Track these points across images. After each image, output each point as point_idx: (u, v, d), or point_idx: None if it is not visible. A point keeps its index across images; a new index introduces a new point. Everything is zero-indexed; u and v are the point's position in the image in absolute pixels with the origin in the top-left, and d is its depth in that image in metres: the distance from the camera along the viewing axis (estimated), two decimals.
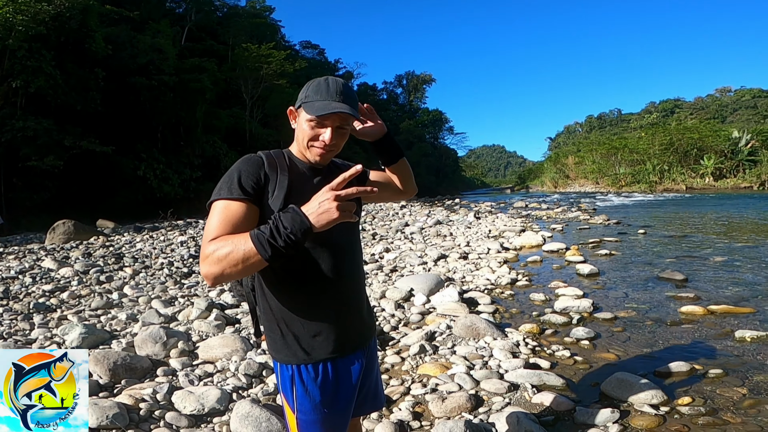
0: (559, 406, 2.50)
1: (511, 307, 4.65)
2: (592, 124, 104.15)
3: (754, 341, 3.40)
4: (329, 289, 1.19)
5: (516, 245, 8.81)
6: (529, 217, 16.11)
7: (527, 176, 74.63)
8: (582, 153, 51.70)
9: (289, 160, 1.19)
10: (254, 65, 25.83)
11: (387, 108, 57.64)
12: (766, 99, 69.62)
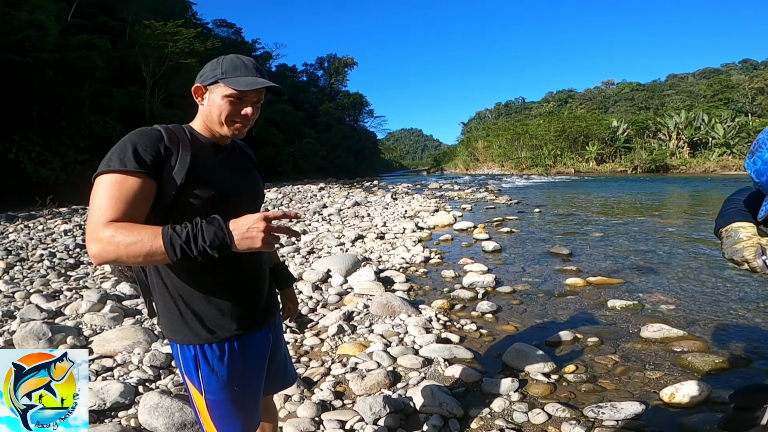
0: (468, 377, 2.64)
1: (425, 284, 4.82)
2: (500, 110, 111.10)
3: (623, 310, 3.89)
4: (232, 266, 1.18)
5: (430, 225, 9.17)
6: (443, 197, 16.85)
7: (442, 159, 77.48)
8: (490, 138, 55.12)
9: (190, 135, 1.15)
10: (158, 43, 23.71)
11: (307, 90, 56.53)
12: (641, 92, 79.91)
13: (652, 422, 2.23)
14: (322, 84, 61.92)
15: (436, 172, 69.15)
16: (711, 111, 37.21)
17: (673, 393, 2.39)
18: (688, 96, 60.14)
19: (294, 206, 13.24)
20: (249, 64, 1.14)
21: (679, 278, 4.82)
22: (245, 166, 1.30)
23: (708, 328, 3.40)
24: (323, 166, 44.37)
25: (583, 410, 2.30)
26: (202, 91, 1.16)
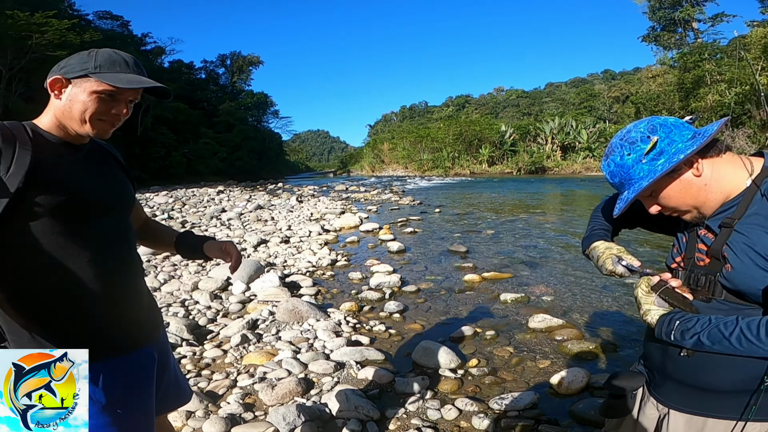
0: (381, 379, 2.66)
1: (332, 288, 4.80)
2: (405, 113, 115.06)
3: (513, 302, 4.20)
4: (100, 284, 1.05)
5: (336, 227, 9.10)
6: (349, 199, 16.87)
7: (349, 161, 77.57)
8: (395, 140, 56.76)
9: (33, 134, 1.01)
10: (20, 34, 20.51)
11: (205, 88, 53.16)
12: (525, 99, 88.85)
13: (547, 410, 2.40)
14: (223, 82, 58.55)
15: (342, 174, 69.14)
16: (578, 117, 42.93)
17: (560, 381, 2.61)
18: (561, 103, 68.41)
19: (188, 211, 12.17)
20: (129, 61, 1.06)
21: (556, 270, 5.43)
22: (108, 168, 1.17)
23: (581, 315, 3.86)
24: (223, 168, 41.62)
25: (489, 402, 2.43)
26: (62, 84, 1.03)
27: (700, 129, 0.99)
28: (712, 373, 0.96)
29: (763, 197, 0.92)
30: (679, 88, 33.91)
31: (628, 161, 0.98)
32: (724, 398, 0.96)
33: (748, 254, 0.91)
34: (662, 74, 41.13)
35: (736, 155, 0.99)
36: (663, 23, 44.78)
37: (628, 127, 1.03)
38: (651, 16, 45.39)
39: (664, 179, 0.97)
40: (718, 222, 0.97)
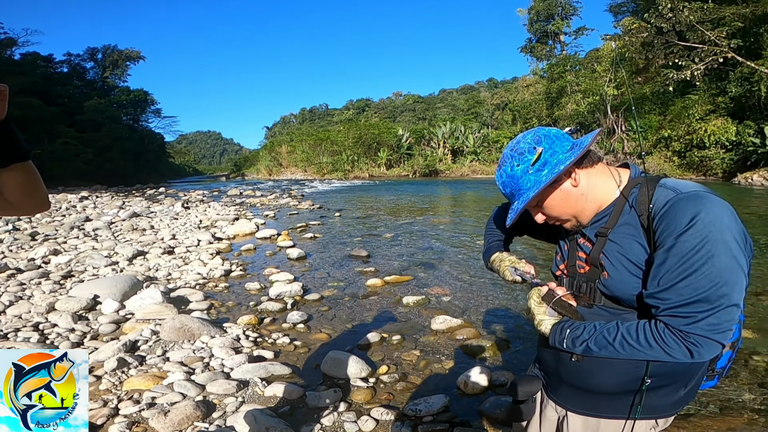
0: (291, 394, 2.54)
1: (228, 300, 4.48)
2: (305, 116, 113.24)
3: (415, 305, 4.28)
4: None
5: (229, 234, 8.61)
6: (244, 204, 15.99)
7: (243, 164, 74.14)
8: (294, 143, 55.32)
9: None
10: None
11: (67, 83, 46.92)
12: (421, 104, 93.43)
13: (458, 411, 2.46)
14: (91, 77, 51.54)
15: (236, 177, 65.50)
16: (466, 123, 46.48)
17: (466, 381, 2.69)
18: (453, 109, 73.37)
19: (40, 221, 10.21)
20: None
21: (451, 270, 5.67)
22: None
23: (477, 314, 4.05)
24: (88, 171, 36.26)
25: (404, 409, 2.42)
26: None
27: (577, 140, 1.03)
28: (599, 376, 1.01)
29: (632, 208, 0.97)
30: (546, 97, 38.80)
31: (517, 172, 1.02)
32: (612, 399, 1.02)
33: (622, 262, 0.96)
34: (534, 84, 46.70)
35: (606, 166, 1.05)
36: (538, 35, 50.18)
37: (517, 138, 1.06)
38: (529, 28, 50.55)
39: (547, 189, 1.01)
40: (595, 231, 1.02)
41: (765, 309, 3.75)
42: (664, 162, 22.34)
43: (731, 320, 0.86)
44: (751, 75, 18.70)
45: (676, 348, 0.88)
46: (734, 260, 0.84)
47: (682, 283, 0.85)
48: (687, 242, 0.85)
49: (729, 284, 0.84)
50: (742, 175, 18.09)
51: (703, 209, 0.85)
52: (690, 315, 0.85)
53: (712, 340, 0.86)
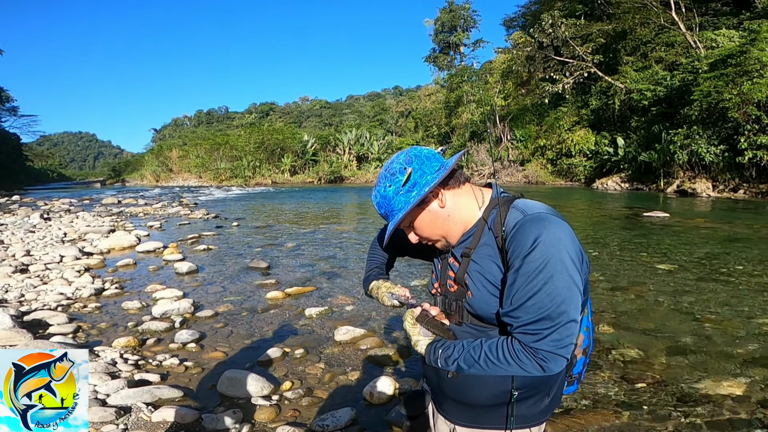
0: (185, 418, 2.37)
1: (100, 322, 4.06)
2: (201, 118, 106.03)
3: (318, 317, 4.15)
4: None
5: (102, 249, 7.68)
6: (122, 214, 14.30)
7: (124, 168, 66.94)
8: (187, 147, 51.28)
9: None
10: None
11: None
12: (327, 109, 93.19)
13: (367, 423, 2.40)
14: None
15: (115, 183, 58.46)
16: (371, 130, 47.46)
17: (371, 392, 2.63)
18: (359, 115, 74.53)
19: None
20: None
21: (354, 279, 5.58)
22: None
23: (379, 322, 4.00)
24: None
25: (311, 426, 2.33)
26: None
27: (446, 161, 1.06)
28: (473, 391, 1.05)
29: (489, 230, 1.02)
30: (445, 106, 41.33)
31: (389, 193, 1.03)
32: (490, 411, 1.06)
33: (482, 282, 1.01)
34: (435, 93, 49.44)
35: (472, 186, 1.09)
36: (441, 46, 53.07)
37: (392, 158, 1.07)
38: (434, 38, 53.20)
39: (417, 210, 1.03)
40: (461, 251, 1.06)
41: (620, 305, 4.24)
42: (540, 169, 25.21)
43: (571, 335, 0.92)
44: (608, 89, 21.98)
45: (529, 364, 0.93)
46: (571, 279, 0.91)
47: (529, 302, 0.91)
48: (531, 263, 0.91)
49: (566, 302, 0.91)
50: (599, 180, 21.13)
51: (545, 231, 0.92)
52: (537, 332, 0.91)
53: (557, 355, 0.92)
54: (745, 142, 13.55)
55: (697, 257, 6.01)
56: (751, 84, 13.55)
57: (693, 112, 15.47)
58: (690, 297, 4.32)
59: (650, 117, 19.13)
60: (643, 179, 18.58)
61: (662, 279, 5.01)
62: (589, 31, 22.65)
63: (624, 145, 20.23)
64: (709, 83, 15.03)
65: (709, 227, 8.49)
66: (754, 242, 6.87)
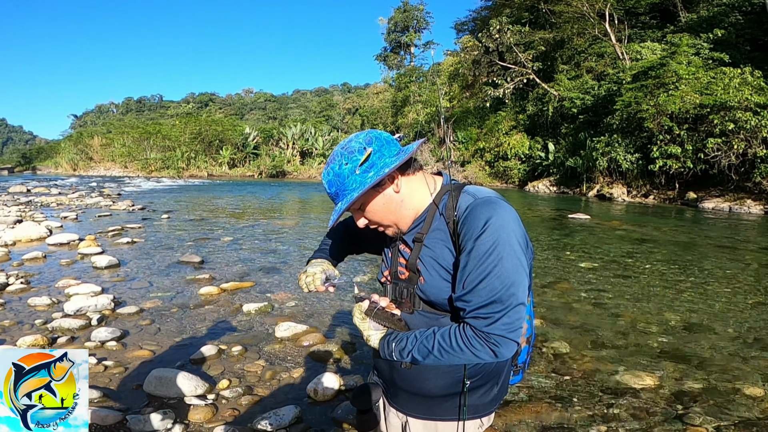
0: (105, 419, 2.23)
1: (2, 320, 3.72)
2: (130, 106, 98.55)
3: (257, 313, 3.97)
4: None
5: (7, 240, 6.93)
6: (31, 204, 12.89)
7: (36, 156, 60.53)
8: (112, 135, 47.27)
9: None
10: None
11: None
12: (273, 103, 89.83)
13: (312, 421, 2.34)
14: None
15: (24, 171, 52.56)
16: (317, 125, 46.56)
17: (316, 389, 2.56)
18: (305, 110, 72.79)
19: None
20: None
21: (295, 275, 5.39)
22: None
23: (322, 318, 3.91)
24: None
25: (253, 425, 2.25)
26: None
27: (404, 147, 1.05)
28: (427, 381, 1.05)
29: (441, 215, 1.02)
30: (392, 105, 41.64)
31: (344, 171, 1.00)
32: (443, 402, 1.06)
33: (434, 267, 1.00)
34: (383, 91, 49.60)
35: (424, 174, 1.09)
36: (393, 45, 53.35)
37: (350, 137, 1.05)
38: (386, 37, 53.32)
39: (371, 193, 1.01)
40: (412, 236, 1.05)
41: (550, 301, 4.47)
42: (479, 170, 26.28)
43: (520, 318, 0.94)
44: (544, 96, 23.35)
45: (481, 350, 0.93)
46: (518, 261, 0.93)
47: (480, 285, 0.91)
48: (482, 245, 0.91)
49: (515, 284, 0.92)
50: (531, 183, 22.44)
51: (494, 214, 0.93)
52: (489, 316, 0.91)
53: (509, 339, 0.92)
54: (657, 151, 14.95)
55: (613, 256, 6.55)
56: (667, 96, 14.84)
57: (614, 121, 16.85)
58: (608, 294, 4.67)
59: (578, 124, 20.60)
60: (569, 183, 19.99)
61: (584, 276, 5.38)
62: (531, 38, 23.88)
63: (554, 151, 21.62)
64: (630, 94, 16.34)
65: (623, 229, 9.29)
66: (661, 244, 7.62)
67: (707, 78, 14.87)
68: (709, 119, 13.89)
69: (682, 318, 3.93)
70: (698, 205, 13.89)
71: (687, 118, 14.46)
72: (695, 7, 21.01)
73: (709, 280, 5.20)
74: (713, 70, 15.21)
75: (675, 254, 6.75)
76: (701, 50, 16.89)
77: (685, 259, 6.36)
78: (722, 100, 13.57)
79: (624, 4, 21.70)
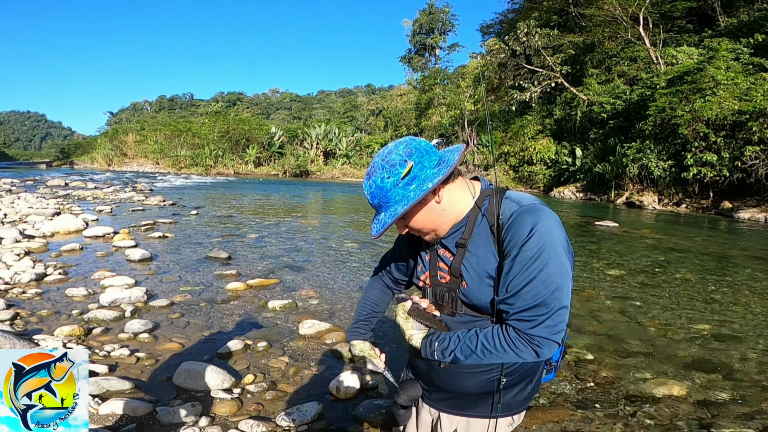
0: (136, 411, 2.29)
1: (41, 309, 3.81)
2: (163, 104, 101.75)
3: (282, 310, 4.07)
4: None
5: (45, 232, 7.20)
6: (69, 197, 13.47)
7: (73, 151, 63.09)
8: (146, 132, 48.89)
9: None
10: None
11: None
12: (298, 103, 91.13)
13: (333, 418, 2.37)
14: None
15: (63, 165, 54.92)
16: (341, 126, 46.83)
17: (338, 387, 2.60)
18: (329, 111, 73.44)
19: None
20: None
21: (319, 273, 5.51)
22: None
23: (345, 317, 3.97)
24: None
25: (276, 420, 2.28)
26: None
27: (443, 154, 1.05)
28: (464, 380, 1.09)
29: (483, 217, 1.04)
30: (416, 107, 41.56)
31: (387, 184, 1.01)
32: (477, 400, 1.10)
33: (478, 272, 1.02)
34: (407, 93, 49.54)
35: (463, 179, 1.10)
36: (417, 47, 53.16)
37: (389, 147, 1.04)
38: (411, 39, 53.30)
39: (414, 206, 1.02)
40: (454, 241, 1.07)
41: (575, 307, 4.35)
42: (503, 175, 25.93)
43: (564, 321, 0.96)
44: (572, 100, 22.85)
45: (524, 350, 0.96)
46: (563, 266, 0.95)
47: (525, 288, 0.94)
48: (527, 251, 0.94)
49: (560, 288, 0.94)
50: (557, 189, 21.97)
51: (540, 221, 0.95)
52: (533, 319, 0.94)
53: (551, 341, 0.95)
54: (692, 158, 14.42)
55: (642, 265, 6.39)
56: (703, 102, 14.27)
57: (647, 126, 16.34)
58: (635, 302, 4.58)
59: (607, 130, 20.06)
60: (596, 190, 19.49)
61: (611, 284, 5.28)
62: (560, 42, 23.39)
63: (582, 156, 21.15)
64: (665, 99, 15.77)
65: (653, 237, 9.04)
66: (692, 253, 7.37)
67: (747, 84, 14.24)
68: (747, 126, 13.30)
69: (712, 328, 3.81)
70: (733, 215, 13.32)
71: (724, 124, 13.89)
72: (735, 11, 20.13)
73: (741, 291, 5.02)
74: (753, 76, 14.54)
75: (706, 264, 6.52)
76: (741, 55, 16.18)
77: (717, 270, 6.15)
78: (762, 106, 12.98)
79: (659, 8, 20.97)
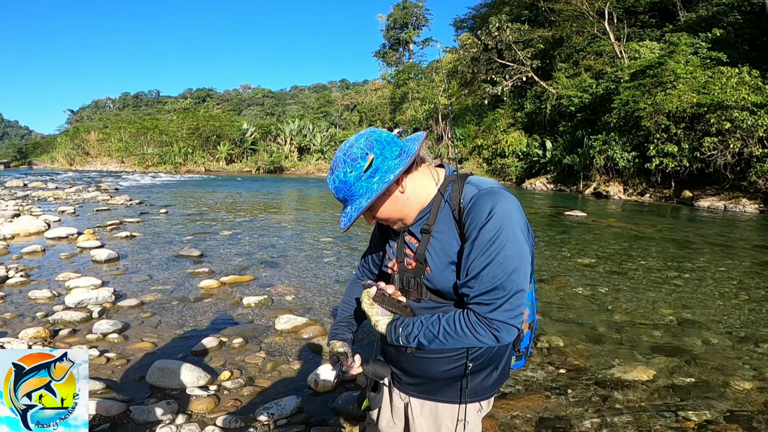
0: (109, 410, 2.27)
1: (3, 312, 3.76)
2: (127, 101, 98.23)
3: (257, 306, 4.02)
4: None
5: (5, 234, 6.94)
6: (29, 198, 12.85)
7: (32, 151, 60.24)
8: (109, 130, 47.04)
9: None
10: None
11: None
12: (270, 99, 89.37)
13: (313, 411, 2.38)
14: None
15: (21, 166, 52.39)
16: (315, 121, 46.26)
17: (316, 380, 2.61)
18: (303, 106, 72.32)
19: None
20: None
21: (294, 268, 5.46)
22: None
23: (322, 311, 3.96)
24: None
25: (255, 415, 2.28)
26: None
27: (404, 144, 1.06)
28: (431, 365, 1.10)
29: (446, 203, 1.05)
30: (390, 102, 41.48)
31: (350, 178, 1.01)
32: (446, 384, 1.11)
33: (441, 257, 1.03)
34: (382, 88, 49.36)
35: (427, 167, 1.11)
36: (391, 42, 52.92)
37: (350, 141, 1.04)
38: (385, 34, 52.94)
39: (379, 197, 1.03)
40: (419, 228, 1.08)
41: (547, 295, 4.53)
42: (476, 168, 26.30)
43: (521, 304, 0.98)
44: (542, 94, 23.35)
45: (484, 335, 0.97)
46: (520, 249, 0.97)
47: (483, 271, 0.95)
48: (486, 234, 0.95)
49: (517, 271, 0.96)
50: (528, 181, 22.47)
51: (498, 203, 0.97)
52: (491, 302, 0.95)
53: (510, 325, 0.97)
54: (654, 149, 15.02)
55: (609, 252, 6.62)
56: (664, 95, 14.91)
57: (612, 119, 16.91)
58: (603, 288, 4.74)
59: (576, 122, 20.62)
60: (566, 181, 20.03)
61: (580, 272, 5.44)
62: (530, 36, 23.86)
63: (551, 148, 21.67)
64: (628, 92, 16.38)
65: (619, 226, 9.37)
66: (656, 240, 7.69)
67: (705, 77, 14.92)
68: (705, 118, 13.94)
69: (676, 313, 3.99)
70: (694, 204, 13.97)
71: (684, 117, 14.52)
72: (695, 6, 21.02)
73: (703, 277, 5.27)
74: (711, 70, 15.25)
75: (670, 251, 6.82)
76: (699, 50, 16.93)
77: (680, 256, 6.44)
78: (719, 99, 13.62)
79: (623, 2, 21.70)
